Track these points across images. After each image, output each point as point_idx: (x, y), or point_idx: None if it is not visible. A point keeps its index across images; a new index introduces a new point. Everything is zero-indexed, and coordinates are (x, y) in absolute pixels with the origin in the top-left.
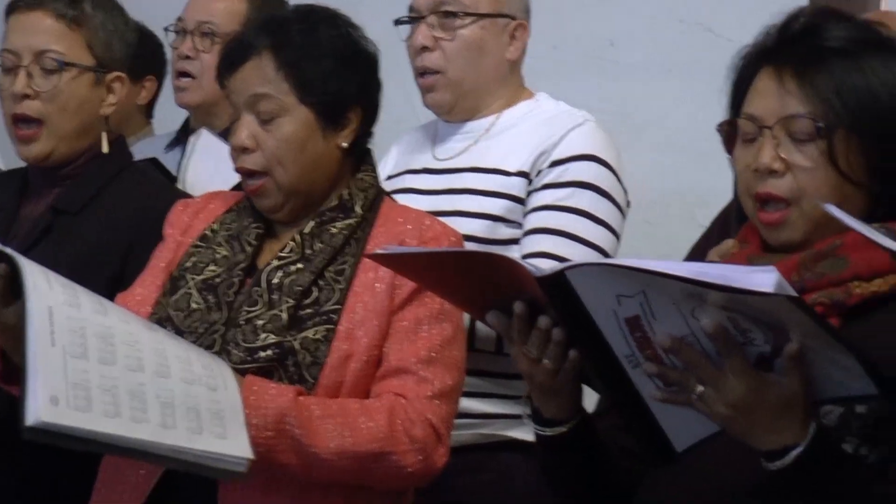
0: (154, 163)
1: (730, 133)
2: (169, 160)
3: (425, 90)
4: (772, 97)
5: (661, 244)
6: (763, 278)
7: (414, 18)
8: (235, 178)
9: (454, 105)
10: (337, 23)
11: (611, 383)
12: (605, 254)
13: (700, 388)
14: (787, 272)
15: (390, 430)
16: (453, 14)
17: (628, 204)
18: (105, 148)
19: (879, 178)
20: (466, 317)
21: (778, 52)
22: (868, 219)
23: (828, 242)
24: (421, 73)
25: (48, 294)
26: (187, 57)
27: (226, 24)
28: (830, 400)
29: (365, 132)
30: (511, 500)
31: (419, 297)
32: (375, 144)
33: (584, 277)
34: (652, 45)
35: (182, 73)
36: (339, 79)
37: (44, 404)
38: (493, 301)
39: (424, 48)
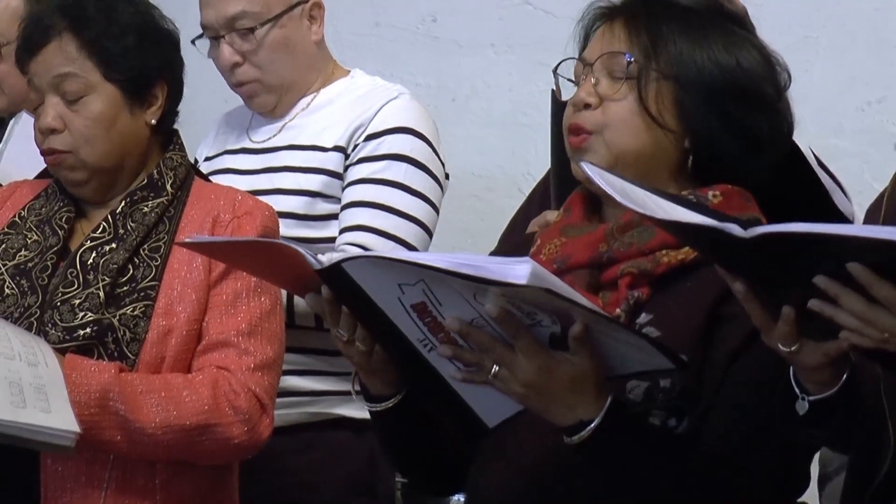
0: None
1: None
2: None
3: (247, 98)
4: (601, 40)
5: (489, 217)
6: (518, 270)
7: (215, 38)
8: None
9: (277, 103)
10: (135, 0)
11: (411, 367)
12: (421, 224)
13: (495, 369)
14: (596, 242)
15: (214, 402)
16: (250, 29)
17: (447, 176)
18: None
19: (690, 135)
20: (284, 292)
21: (623, 7)
22: (678, 175)
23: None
24: (238, 84)
25: None
26: None
27: (7, 29)
28: (632, 375)
29: (171, 110)
30: (341, 477)
31: (236, 270)
32: (199, 124)
33: (361, 269)
34: (473, 20)
35: None
36: (143, 54)
37: None
38: (311, 281)
39: (235, 65)
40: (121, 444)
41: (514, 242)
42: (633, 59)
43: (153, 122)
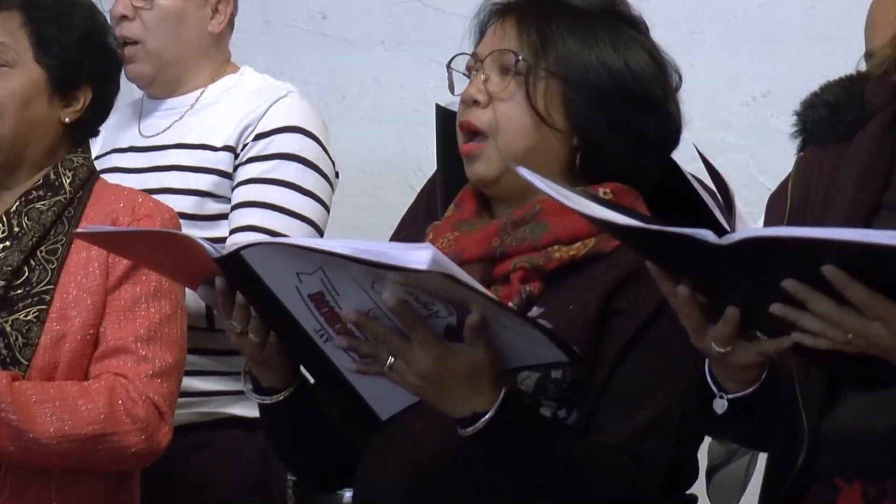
0: None
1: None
2: None
3: (126, 61)
4: (493, 38)
5: (380, 214)
6: (418, 255)
7: None
8: None
9: (155, 76)
10: (93, 10)
11: (307, 357)
12: (312, 224)
13: (391, 360)
14: (489, 237)
15: (111, 410)
16: None
17: (336, 175)
18: None
19: (577, 133)
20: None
21: (517, 5)
22: (567, 173)
23: (528, 207)
24: (121, 43)
25: None
26: None
27: None
28: (525, 367)
29: (89, 120)
30: (233, 476)
31: (135, 275)
32: None
33: (260, 257)
34: (362, 18)
35: None
36: (80, 52)
37: None
38: (205, 274)
39: (124, 17)
40: (14, 455)
41: (403, 239)
42: (521, 58)
43: (67, 120)
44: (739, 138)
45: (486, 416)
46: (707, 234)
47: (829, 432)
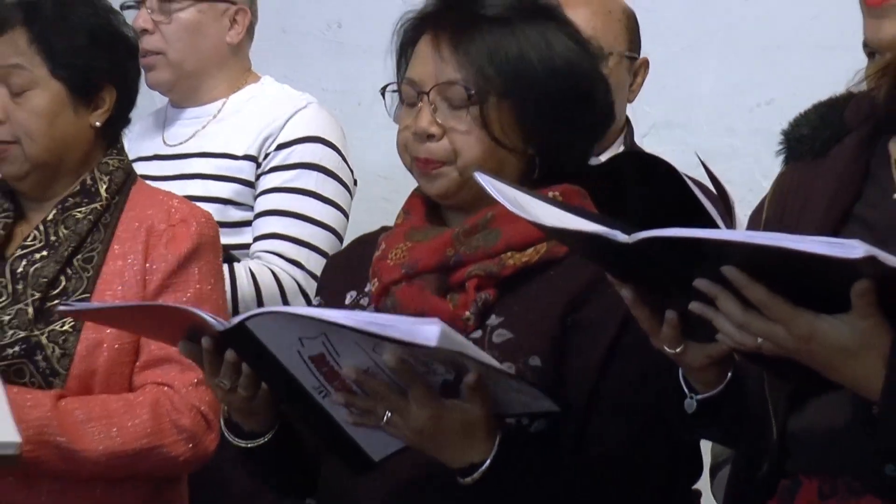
0: None
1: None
2: None
3: (147, 69)
4: (430, 63)
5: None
6: (427, 331)
7: (137, 3)
8: None
9: (174, 84)
10: (94, 3)
11: (302, 409)
12: (333, 231)
13: (388, 415)
14: (443, 247)
15: (156, 423)
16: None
17: (355, 182)
18: None
19: (533, 143)
20: (229, 297)
21: (437, 17)
22: (522, 182)
23: (480, 215)
24: (143, 54)
25: None
26: None
27: None
28: (514, 415)
29: (119, 116)
30: (243, 477)
31: (173, 283)
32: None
33: (265, 325)
34: (377, 26)
35: None
36: (92, 55)
37: None
38: (188, 331)
39: (145, 31)
40: (65, 473)
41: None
42: (473, 91)
43: (97, 124)
44: (745, 144)
45: (483, 467)
46: (616, 234)
47: (796, 431)
